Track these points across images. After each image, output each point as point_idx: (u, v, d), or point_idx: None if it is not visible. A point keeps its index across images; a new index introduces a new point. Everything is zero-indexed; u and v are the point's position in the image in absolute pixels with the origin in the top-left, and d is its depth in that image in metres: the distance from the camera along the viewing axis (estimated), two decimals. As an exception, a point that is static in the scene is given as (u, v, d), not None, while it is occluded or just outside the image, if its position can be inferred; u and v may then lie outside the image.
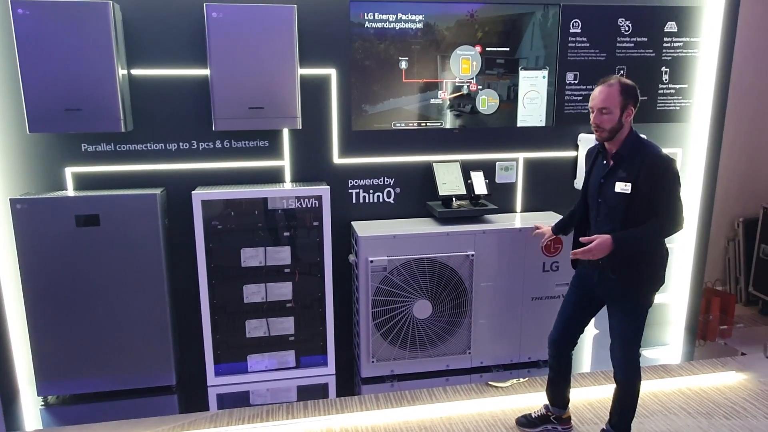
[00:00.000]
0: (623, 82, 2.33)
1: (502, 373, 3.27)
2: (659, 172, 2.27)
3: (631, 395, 2.55)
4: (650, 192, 2.27)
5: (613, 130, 2.33)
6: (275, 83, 2.87)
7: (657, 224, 2.29)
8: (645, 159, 2.29)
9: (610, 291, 2.45)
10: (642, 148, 2.34)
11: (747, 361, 3.55)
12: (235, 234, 3.01)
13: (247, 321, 3.11)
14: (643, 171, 2.27)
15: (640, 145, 2.36)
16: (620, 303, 2.45)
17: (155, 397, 3.04)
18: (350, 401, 3.03)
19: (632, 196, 2.30)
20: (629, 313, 2.44)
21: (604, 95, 2.31)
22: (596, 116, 2.34)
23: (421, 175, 3.36)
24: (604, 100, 2.31)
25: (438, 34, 3.21)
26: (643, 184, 2.27)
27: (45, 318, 2.87)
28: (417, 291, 3.09)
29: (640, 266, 2.37)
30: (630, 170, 2.31)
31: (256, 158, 3.18)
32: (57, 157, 2.98)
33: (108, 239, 2.85)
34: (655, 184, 2.27)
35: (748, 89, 4.23)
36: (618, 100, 2.30)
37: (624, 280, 2.39)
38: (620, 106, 2.30)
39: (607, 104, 2.30)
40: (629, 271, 2.37)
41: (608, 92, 2.31)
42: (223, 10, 2.76)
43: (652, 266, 2.40)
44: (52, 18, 2.62)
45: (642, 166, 2.28)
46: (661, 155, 2.31)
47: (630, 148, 2.34)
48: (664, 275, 2.46)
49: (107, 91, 2.72)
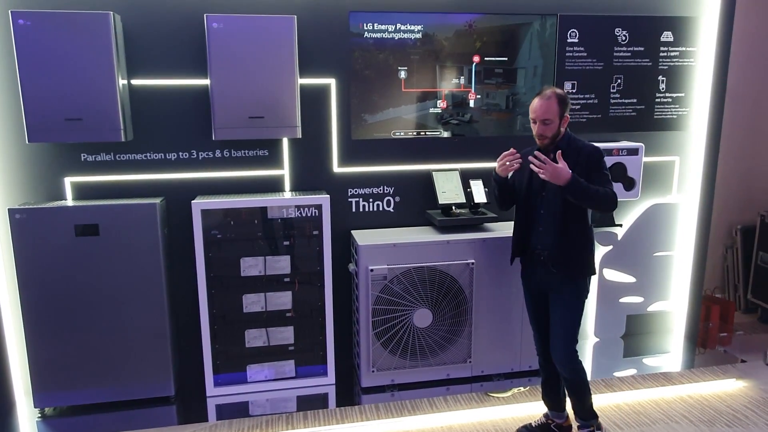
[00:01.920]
0: (558, 93, 2.51)
1: (503, 382, 3.26)
2: (597, 159, 2.52)
3: (580, 384, 2.67)
4: (590, 176, 2.48)
5: (554, 136, 2.52)
6: (275, 93, 2.89)
7: (607, 190, 2.48)
8: (582, 150, 2.52)
9: (552, 284, 2.61)
10: (577, 142, 2.57)
11: (747, 369, 3.54)
12: (235, 243, 3.00)
13: (247, 331, 3.10)
14: (582, 159, 2.50)
15: (574, 140, 2.58)
16: (560, 295, 2.60)
17: (154, 408, 3.01)
18: (350, 411, 3.01)
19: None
20: (569, 305, 2.60)
21: (545, 108, 2.47)
22: (539, 127, 2.51)
23: (421, 183, 3.37)
24: (545, 112, 2.47)
25: (437, 45, 3.23)
26: (583, 171, 2.48)
27: (43, 328, 2.85)
28: (417, 300, 3.08)
29: (576, 258, 2.56)
30: (569, 161, 2.47)
31: (255, 167, 3.18)
32: (56, 166, 2.97)
33: (107, 249, 2.84)
34: (595, 169, 2.50)
35: (744, 98, 4.27)
36: (556, 111, 2.48)
37: (563, 271, 2.56)
38: (558, 116, 2.49)
39: (549, 116, 2.47)
40: (567, 263, 2.56)
41: (548, 105, 2.47)
42: (224, 21, 2.78)
43: (585, 256, 2.59)
44: (52, 28, 2.63)
45: (580, 156, 2.50)
46: (597, 149, 2.55)
47: (567, 144, 2.54)
48: (594, 265, 2.64)
49: (107, 101, 2.73)
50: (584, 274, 2.60)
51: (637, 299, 3.75)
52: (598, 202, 2.49)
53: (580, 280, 2.59)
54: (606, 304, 3.68)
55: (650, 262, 3.71)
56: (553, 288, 2.61)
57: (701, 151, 3.62)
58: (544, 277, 2.62)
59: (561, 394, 2.81)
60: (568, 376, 2.63)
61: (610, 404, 3.17)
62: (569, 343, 2.60)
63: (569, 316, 2.60)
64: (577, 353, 2.63)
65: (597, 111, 3.50)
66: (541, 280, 2.64)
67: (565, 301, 2.59)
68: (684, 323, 3.82)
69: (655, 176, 3.64)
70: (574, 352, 2.62)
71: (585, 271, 2.60)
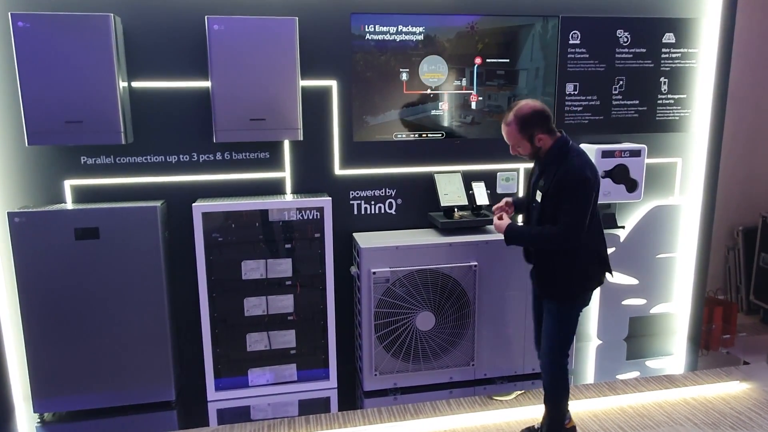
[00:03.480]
0: (519, 116, 2.34)
1: (506, 385, 3.24)
2: (566, 186, 2.30)
3: (552, 397, 2.62)
4: (557, 202, 2.34)
5: (531, 154, 2.43)
6: (276, 95, 2.87)
7: (549, 231, 2.37)
8: (558, 171, 2.33)
9: (540, 290, 2.60)
10: (561, 160, 2.35)
11: (750, 371, 3.53)
12: (236, 246, 2.98)
13: (248, 334, 3.07)
14: (555, 182, 2.33)
15: (560, 156, 2.37)
16: (546, 302, 2.57)
17: (154, 413, 2.98)
18: (353, 415, 2.99)
19: (543, 203, 2.41)
20: (553, 313, 2.54)
21: (506, 135, 2.42)
22: (511, 149, 2.47)
23: (423, 186, 3.35)
24: (507, 138, 2.43)
25: (438, 46, 3.22)
26: (553, 194, 2.34)
27: (42, 333, 2.82)
28: (420, 303, 3.06)
29: (551, 279, 2.50)
30: (547, 179, 2.39)
31: (256, 170, 3.16)
32: (56, 169, 2.95)
33: (108, 252, 2.81)
34: (561, 196, 2.32)
35: (746, 99, 4.26)
36: (519, 137, 2.37)
37: (543, 281, 2.54)
38: (525, 138, 2.36)
39: (512, 141, 2.42)
40: (546, 274, 2.51)
41: (508, 131, 2.40)
42: (225, 23, 2.76)
43: (566, 277, 2.46)
44: (52, 30, 2.61)
45: (554, 178, 2.34)
46: (574, 170, 2.31)
47: (551, 159, 2.39)
48: (581, 292, 2.51)
49: (108, 104, 2.70)
50: (565, 296, 2.48)
51: (639, 301, 3.73)
52: (542, 245, 2.46)
53: (563, 301, 2.50)
54: (609, 306, 3.67)
55: (653, 264, 3.69)
56: (541, 292, 2.61)
57: (703, 152, 3.61)
58: (535, 285, 2.65)
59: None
60: (546, 385, 2.64)
61: (613, 407, 3.15)
62: (549, 351, 2.57)
63: (553, 328, 2.55)
64: (558, 366, 2.57)
65: (599, 113, 3.49)
66: (536, 283, 2.65)
67: (551, 313, 2.55)
68: (687, 325, 3.80)
69: (657, 178, 3.62)
70: (553, 362, 2.56)
71: (566, 294, 2.48)
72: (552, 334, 2.55)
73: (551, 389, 2.63)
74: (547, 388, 2.65)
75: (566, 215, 2.30)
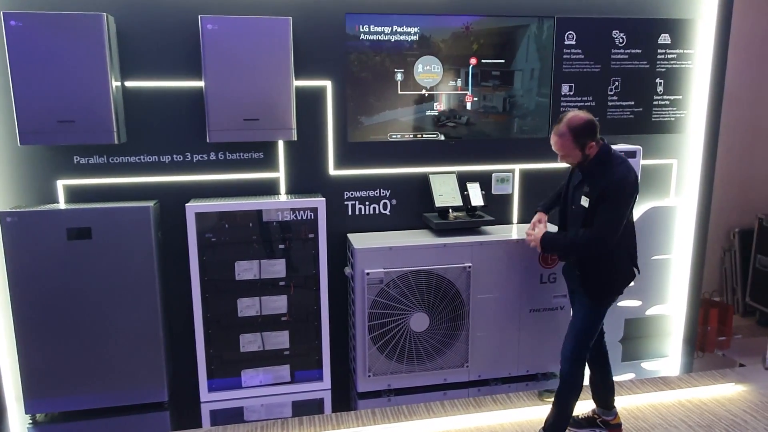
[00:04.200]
0: (572, 127, 2.40)
1: (501, 386, 3.23)
2: (610, 193, 2.39)
3: (565, 393, 2.65)
4: (596, 206, 2.43)
5: (581, 162, 2.49)
6: (270, 95, 2.86)
7: (578, 240, 2.48)
8: (602, 181, 2.42)
9: (577, 285, 2.65)
10: (606, 170, 2.43)
11: (746, 373, 3.52)
12: (230, 247, 2.97)
13: (242, 335, 3.06)
14: (598, 191, 2.41)
15: (605, 165, 2.45)
16: (579, 300, 2.65)
17: (147, 414, 2.97)
18: (346, 416, 2.98)
19: (589, 210, 2.47)
20: (583, 311, 2.62)
21: (559, 146, 2.46)
22: (561, 158, 2.52)
23: (418, 186, 3.34)
24: (560, 149, 2.47)
25: (433, 47, 3.21)
26: (596, 200, 2.43)
27: (34, 334, 2.81)
28: (414, 304, 3.05)
29: (589, 276, 2.57)
30: (592, 186, 2.46)
31: (250, 170, 3.15)
32: (49, 169, 2.94)
33: (100, 252, 2.80)
34: (601, 204, 2.41)
35: (742, 100, 4.26)
36: (572, 146, 2.43)
37: (584, 277, 2.58)
38: (578, 148, 2.42)
39: (565, 152, 2.46)
40: (588, 271, 2.57)
41: (561, 143, 2.44)
42: (218, 22, 2.75)
43: (607, 273, 2.55)
44: (45, 30, 2.60)
45: (599, 187, 2.42)
46: (617, 181, 2.39)
47: (595, 167, 2.47)
48: (609, 288, 2.59)
49: (100, 103, 2.70)
50: (601, 295, 2.58)
51: (635, 303, 3.73)
52: (575, 253, 2.58)
53: (597, 300, 2.59)
54: (604, 307, 3.66)
55: (648, 266, 3.68)
56: (576, 291, 2.68)
57: (699, 153, 3.60)
58: (570, 278, 2.74)
59: (608, 391, 2.85)
60: (563, 377, 2.65)
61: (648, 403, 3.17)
62: (576, 344, 2.61)
63: (582, 320, 2.62)
64: (579, 358, 2.61)
65: (595, 113, 3.37)
66: (569, 279, 2.77)
67: (583, 306, 2.62)
68: (682, 327, 3.79)
69: (653, 179, 3.62)
70: (579, 356, 2.61)
71: (597, 293, 2.57)
72: (582, 326, 2.61)
73: (567, 378, 2.63)
74: (563, 377, 2.65)
75: (604, 221, 2.39)
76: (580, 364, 2.62)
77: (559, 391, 2.68)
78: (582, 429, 2.91)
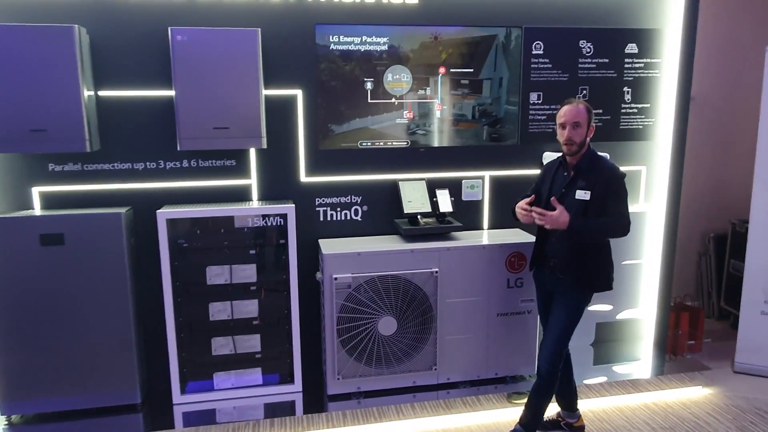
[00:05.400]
0: (586, 103, 2.66)
1: (469, 389, 3.28)
2: (615, 183, 2.60)
3: (547, 390, 2.74)
4: (606, 199, 2.58)
5: (581, 143, 2.62)
6: (239, 104, 2.93)
7: (610, 221, 2.59)
8: (603, 171, 2.62)
9: (559, 288, 2.73)
10: (599, 162, 2.66)
11: (714, 376, 3.58)
12: (201, 252, 3.04)
13: (213, 339, 3.13)
14: (602, 181, 2.59)
15: (597, 159, 2.67)
16: (564, 299, 2.72)
17: (120, 416, 3.03)
18: (317, 418, 3.04)
19: (589, 202, 2.60)
20: (569, 309, 2.71)
21: (576, 111, 2.60)
22: (569, 131, 2.59)
23: (388, 193, 3.41)
24: (576, 115, 2.59)
25: (403, 56, 3.28)
26: (601, 192, 2.58)
27: (9, 337, 2.88)
28: (382, 308, 3.11)
29: (589, 267, 2.66)
30: (589, 180, 2.62)
31: (223, 177, 3.22)
32: (24, 176, 3.02)
33: (73, 258, 2.87)
34: (612, 193, 2.59)
35: (712, 108, 4.32)
36: (586, 117, 2.61)
37: (571, 279, 2.67)
38: (587, 121, 2.61)
39: (579, 119, 2.59)
40: (575, 272, 2.66)
41: (577, 110, 2.60)
42: (188, 33, 2.83)
43: (598, 269, 2.69)
44: (17, 41, 2.67)
45: (600, 178, 2.60)
46: (617, 169, 2.64)
47: (588, 162, 2.65)
48: (606, 281, 2.73)
49: (72, 112, 2.77)
50: (593, 285, 2.70)
51: (606, 307, 3.78)
52: (605, 235, 2.65)
53: (584, 293, 2.70)
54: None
55: (620, 270, 3.68)
56: (558, 291, 2.74)
57: (667, 160, 3.66)
58: (551, 280, 2.76)
59: (572, 394, 2.93)
60: (544, 375, 2.71)
61: (616, 406, 3.24)
62: (558, 343, 2.70)
63: (565, 319, 2.70)
64: (560, 355, 2.70)
65: None
66: (547, 282, 2.79)
67: (566, 306, 2.70)
68: (653, 330, 3.85)
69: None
70: (559, 354, 2.70)
71: (595, 284, 2.69)
72: (564, 325, 2.70)
73: (547, 376, 2.70)
74: (543, 375, 2.71)
75: (622, 207, 2.58)
76: (559, 361, 2.71)
77: (537, 389, 2.74)
78: (547, 431, 2.97)
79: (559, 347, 2.70)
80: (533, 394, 2.77)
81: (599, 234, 2.64)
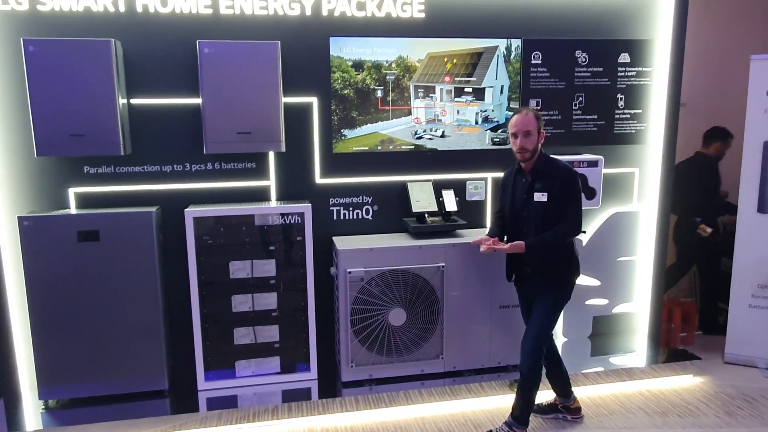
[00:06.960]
0: (535, 110, 2.83)
1: (474, 377, 3.49)
2: (570, 184, 2.77)
3: (532, 384, 2.89)
4: (562, 199, 2.75)
5: (534, 150, 2.77)
6: (261, 111, 3.17)
7: (562, 227, 2.77)
8: (558, 172, 2.78)
9: (538, 289, 2.91)
10: (553, 163, 2.83)
11: (705, 366, 3.77)
12: (225, 248, 3.26)
13: (235, 329, 3.34)
14: (557, 182, 2.76)
15: (551, 161, 2.84)
16: (543, 298, 2.89)
17: (149, 401, 3.24)
18: (331, 403, 3.23)
19: (547, 203, 2.78)
20: (549, 307, 2.88)
21: (526, 120, 2.75)
22: (521, 139, 2.75)
23: (397, 193, 3.64)
24: (526, 124, 2.74)
25: (410, 66, 3.52)
26: (557, 192, 2.75)
27: (47, 327, 3.09)
28: (392, 300, 3.34)
29: (557, 269, 2.86)
30: (545, 182, 2.78)
31: (244, 179, 3.45)
32: (61, 178, 3.25)
33: (107, 253, 3.09)
34: (567, 193, 2.76)
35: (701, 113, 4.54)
36: (535, 125, 2.75)
37: (545, 279, 2.86)
38: (537, 129, 2.75)
39: (530, 127, 2.73)
40: (548, 274, 2.85)
41: (527, 119, 2.75)
42: (214, 46, 3.07)
43: (566, 267, 2.88)
44: (59, 54, 2.92)
45: (555, 179, 2.76)
46: (571, 170, 2.81)
47: (543, 164, 2.82)
48: (573, 278, 2.92)
49: (108, 119, 3.00)
50: (565, 284, 2.89)
51: (602, 301, 4.00)
52: (561, 241, 2.81)
53: (561, 290, 2.89)
54: (573, 306, 3.87)
55: (614, 267, 3.96)
56: (537, 295, 2.91)
57: (659, 162, 3.89)
58: (531, 286, 2.94)
59: (564, 382, 3.10)
60: (526, 372, 2.86)
61: (609, 393, 3.43)
62: (538, 340, 2.84)
63: (545, 317, 2.87)
64: (540, 350, 2.85)
65: (560, 126, 3.79)
66: (528, 288, 2.97)
67: (545, 305, 2.88)
68: (647, 324, 4.06)
69: (616, 186, 3.91)
70: (540, 350, 2.85)
71: (565, 281, 2.88)
72: (544, 323, 2.86)
73: (530, 374, 2.85)
74: (526, 373, 2.85)
75: (576, 206, 2.76)
76: (539, 357, 2.86)
77: (522, 384, 2.90)
78: (546, 414, 3.17)
79: (540, 343, 2.83)
80: (519, 391, 2.91)
81: (556, 242, 2.79)
